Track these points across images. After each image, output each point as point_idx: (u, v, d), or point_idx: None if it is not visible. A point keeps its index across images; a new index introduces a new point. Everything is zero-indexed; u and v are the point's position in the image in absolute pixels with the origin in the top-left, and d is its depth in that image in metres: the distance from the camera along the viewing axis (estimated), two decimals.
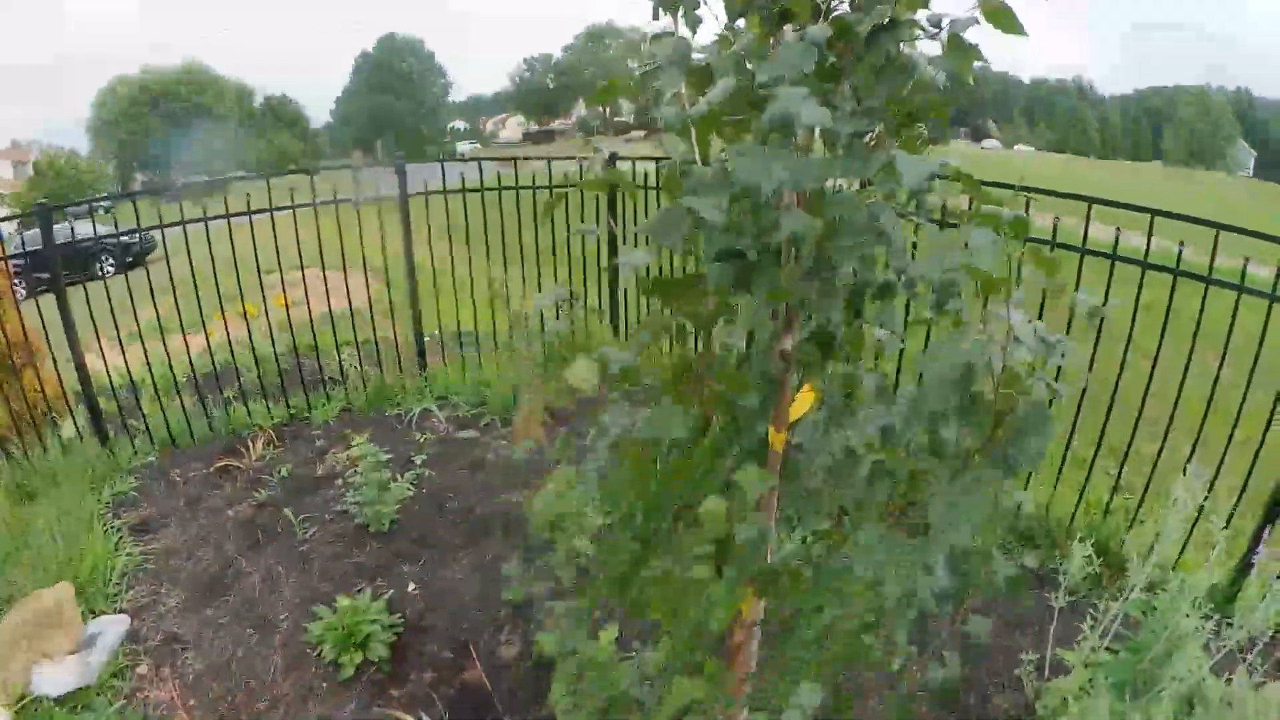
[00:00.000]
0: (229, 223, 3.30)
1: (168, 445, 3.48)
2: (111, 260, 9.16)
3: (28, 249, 3.92)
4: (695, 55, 0.84)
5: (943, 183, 0.84)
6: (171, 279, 3.33)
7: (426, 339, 4.06)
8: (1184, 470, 1.85)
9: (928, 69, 0.79)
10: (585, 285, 4.31)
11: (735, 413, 0.95)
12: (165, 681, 2.22)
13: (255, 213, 3.35)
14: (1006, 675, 2.04)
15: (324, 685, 2.10)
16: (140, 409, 3.57)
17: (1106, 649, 1.80)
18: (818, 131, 0.80)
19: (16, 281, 3.78)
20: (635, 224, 4.01)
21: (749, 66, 0.77)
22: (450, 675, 2.10)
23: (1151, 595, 1.85)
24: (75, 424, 3.37)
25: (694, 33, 0.88)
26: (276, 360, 3.89)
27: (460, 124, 50.71)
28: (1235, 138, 40.17)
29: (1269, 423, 2.08)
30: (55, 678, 2.22)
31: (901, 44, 0.78)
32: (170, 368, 3.65)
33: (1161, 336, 2.30)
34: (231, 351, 4.06)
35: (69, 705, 2.12)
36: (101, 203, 7.17)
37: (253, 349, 3.75)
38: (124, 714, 2.09)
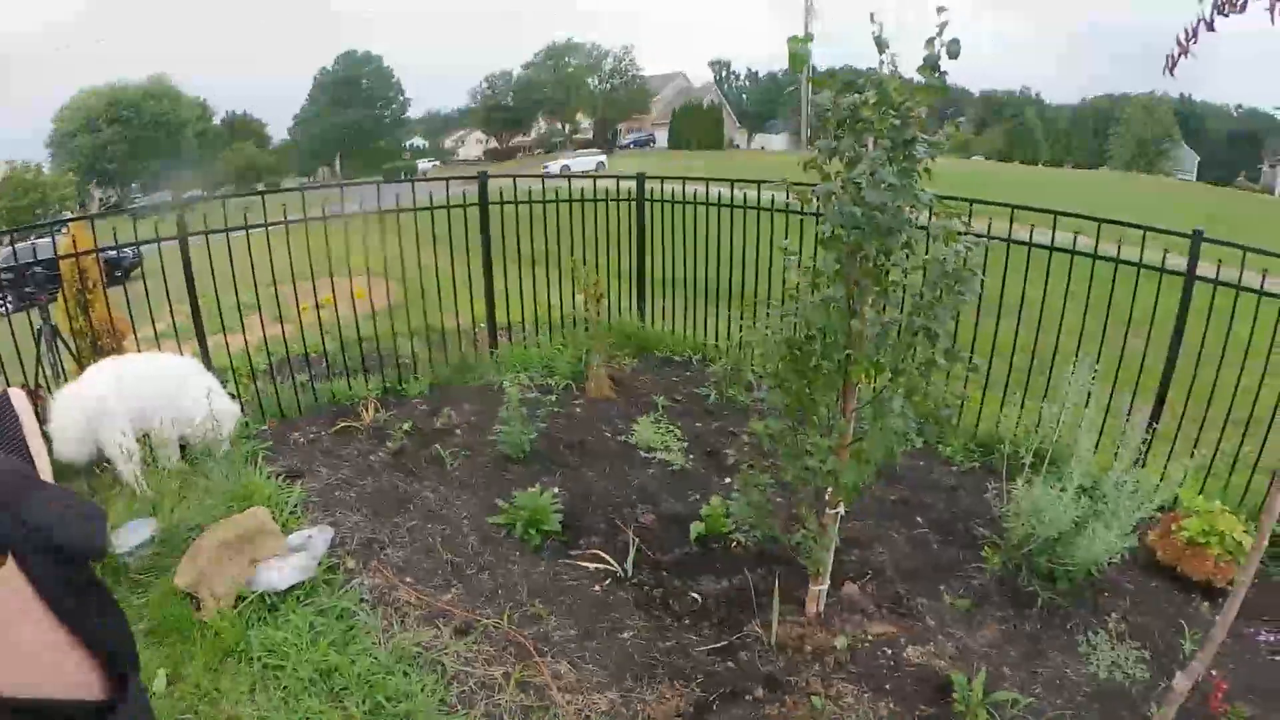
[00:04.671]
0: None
1: (276, 417, 4.63)
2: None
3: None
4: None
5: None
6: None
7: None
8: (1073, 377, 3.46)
9: (925, 153, 2.32)
10: (619, 284, 5.81)
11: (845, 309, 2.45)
12: (375, 571, 3.41)
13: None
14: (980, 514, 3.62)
15: (517, 553, 3.42)
16: (238, 389, 4.69)
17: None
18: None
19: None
20: (662, 237, 5.59)
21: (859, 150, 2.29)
22: (610, 537, 3.46)
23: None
24: None
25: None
26: (360, 345, 5.12)
27: (420, 141, 56.72)
28: (1179, 141, 45.96)
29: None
30: (284, 572, 3.35)
31: (915, 147, 2.30)
32: (248, 356, 4.79)
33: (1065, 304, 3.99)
34: (304, 341, 5.24)
35: (296, 595, 3.24)
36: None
37: (339, 336, 4.96)
38: (348, 594, 3.20)
